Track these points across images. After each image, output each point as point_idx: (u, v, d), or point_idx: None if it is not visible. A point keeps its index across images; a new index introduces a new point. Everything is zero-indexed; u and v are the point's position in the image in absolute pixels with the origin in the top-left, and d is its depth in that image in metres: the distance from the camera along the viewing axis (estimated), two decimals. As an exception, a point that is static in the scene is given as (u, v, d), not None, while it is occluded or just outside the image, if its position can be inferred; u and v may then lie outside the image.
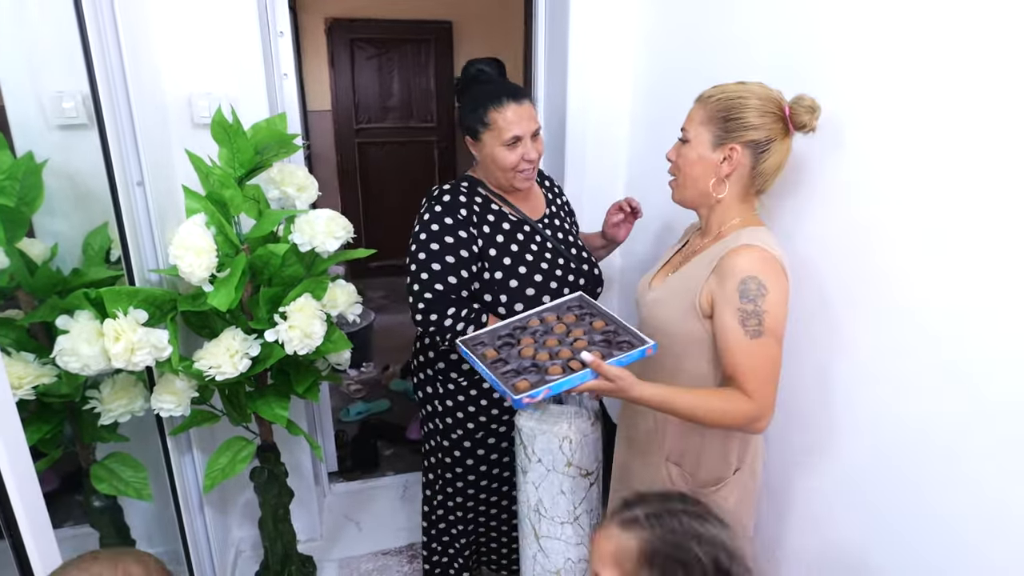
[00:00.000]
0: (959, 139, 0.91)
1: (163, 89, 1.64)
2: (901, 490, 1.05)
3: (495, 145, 1.39)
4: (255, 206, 1.48)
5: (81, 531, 1.59)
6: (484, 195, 1.49)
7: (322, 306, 1.47)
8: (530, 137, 1.39)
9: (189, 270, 1.30)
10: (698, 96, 1.15)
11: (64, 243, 1.42)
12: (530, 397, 1.05)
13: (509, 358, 1.17)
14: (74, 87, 1.39)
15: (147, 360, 1.27)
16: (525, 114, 1.38)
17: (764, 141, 1.08)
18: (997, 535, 0.88)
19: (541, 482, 1.41)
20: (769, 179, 1.12)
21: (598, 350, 1.13)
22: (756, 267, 1.04)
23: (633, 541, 0.74)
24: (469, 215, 1.43)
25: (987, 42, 0.86)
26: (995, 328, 0.87)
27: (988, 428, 0.89)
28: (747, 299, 1.03)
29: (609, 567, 0.76)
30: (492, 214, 1.47)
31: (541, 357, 1.15)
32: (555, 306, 1.32)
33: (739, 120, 1.08)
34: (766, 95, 1.08)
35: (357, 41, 4.42)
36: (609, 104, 1.94)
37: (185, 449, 1.70)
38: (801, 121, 1.07)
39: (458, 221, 1.41)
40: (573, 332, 1.21)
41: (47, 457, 1.36)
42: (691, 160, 1.14)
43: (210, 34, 1.63)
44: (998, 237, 0.86)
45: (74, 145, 1.46)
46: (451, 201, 1.43)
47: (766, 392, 1.04)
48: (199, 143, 1.49)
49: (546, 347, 1.18)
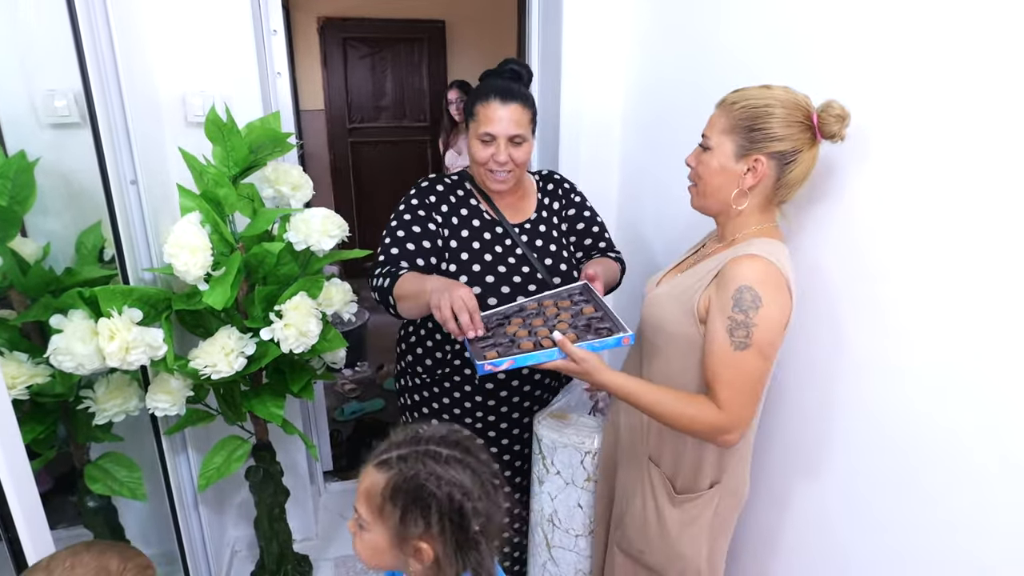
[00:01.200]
0: (967, 144, 0.92)
1: (156, 87, 1.63)
2: (907, 499, 1.05)
3: (473, 136, 1.40)
4: (250, 205, 1.48)
5: (75, 532, 1.58)
6: (468, 189, 1.50)
7: (317, 304, 1.47)
8: (506, 140, 1.37)
9: (184, 269, 1.30)
10: (720, 101, 1.08)
11: (57, 242, 1.41)
12: (492, 365, 1.08)
13: (496, 336, 1.19)
14: (66, 85, 1.38)
15: (142, 359, 1.27)
16: (506, 115, 1.35)
17: (791, 152, 1.02)
18: (993, 535, 0.89)
19: (558, 494, 1.41)
20: (793, 189, 1.07)
21: (574, 333, 1.14)
22: (756, 278, 0.99)
23: (382, 479, 0.85)
24: (439, 203, 1.45)
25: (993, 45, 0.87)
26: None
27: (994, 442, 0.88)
28: (739, 309, 0.99)
29: (363, 502, 0.87)
30: (467, 208, 1.48)
31: (520, 334, 1.18)
32: (556, 293, 1.33)
33: (764, 131, 1.01)
34: (793, 102, 1.02)
35: (350, 40, 4.42)
36: (602, 103, 1.95)
37: (180, 448, 1.70)
38: (830, 131, 1.00)
39: (425, 204, 1.44)
40: (561, 315, 1.22)
41: (41, 457, 1.35)
42: (713, 169, 1.08)
43: (203, 32, 1.62)
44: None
45: (67, 144, 1.45)
46: (428, 187, 1.47)
47: (739, 405, 1.02)
48: (193, 142, 1.49)
49: (531, 326, 1.21)
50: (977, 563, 0.91)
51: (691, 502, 1.17)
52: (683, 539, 1.18)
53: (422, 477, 0.83)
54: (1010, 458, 0.85)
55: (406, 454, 0.86)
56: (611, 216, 2.03)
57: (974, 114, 0.88)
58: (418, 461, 0.85)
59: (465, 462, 0.86)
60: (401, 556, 0.86)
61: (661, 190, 1.77)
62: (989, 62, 0.86)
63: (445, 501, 0.82)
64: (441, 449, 0.86)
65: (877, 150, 1.04)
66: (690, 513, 1.17)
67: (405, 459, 0.85)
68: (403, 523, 0.83)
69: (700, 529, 1.17)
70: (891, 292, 1.03)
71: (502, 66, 1.45)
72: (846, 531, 1.16)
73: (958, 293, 0.91)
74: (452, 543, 0.83)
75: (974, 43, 0.87)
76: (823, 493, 1.21)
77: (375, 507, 0.85)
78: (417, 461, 0.85)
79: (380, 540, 0.86)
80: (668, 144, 1.69)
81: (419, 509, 0.82)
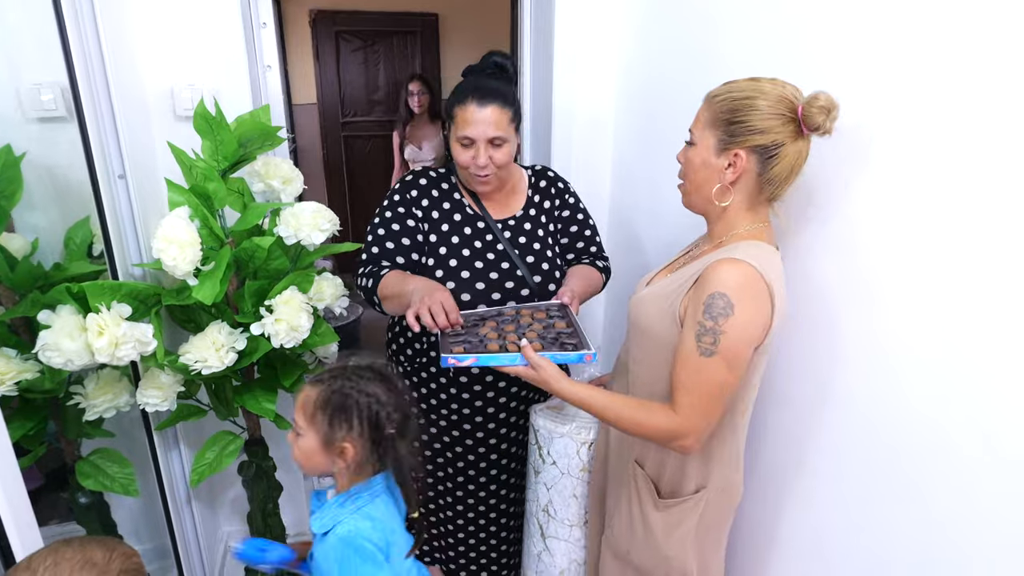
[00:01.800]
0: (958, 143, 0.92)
1: (144, 81, 1.61)
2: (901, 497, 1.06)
3: (453, 139, 1.40)
4: (240, 199, 1.47)
5: (67, 528, 1.58)
6: (453, 183, 1.51)
7: (309, 299, 1.47)
8: (485, 142, 1.36)
9: (173, 263, 1.29)
10: (707, 94, 1.06)
11: (45, 237, 1.40)
12: (456, 359, 1.15)
13: (467, 334, 1.25)
14: (52, 79, 1.36)
15: (131, 355, 1.26)
16: (484, 118, 1.33)
17: (771, 146, 0.98)
18: (984, 530, 0.89)
19: (554, 484, 1.42)
20: (780, 186, 1.03)
21: (540, 343, 1.19)
22: (733, 284, 0.96)
23: (314, 392, 1.05)
24: (420, 197, 1.47)
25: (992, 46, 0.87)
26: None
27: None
28: (709, 315, 0.97)
29: (300, 412, 1.06)
30: (449, 202, 1.48)
31: (490, 336, 1.23)
32: (535, 306, 1.38)
33: (744, 123, 0.99)
34: (777, 94, 0.98)
35: (342, 33, 4.39)
36: (595, 97, 1.94)
37: (172, 444, 1.69)
38: (815, 123, 0.96)
39: (406, 200, 1.46)
40: (534, 326, 1.27)
41: (31, 454, 1.35)
42: (695, 165, 1.07)
43: (192, 25, 1.61)
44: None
45: (53, 138, 1.44)
46: (411, 181, 1.49)
47: (696, 412, 1.01)
48: (182, 136, 1.47)
49: (502, 331, 1.25)
50: (973, 557, 0.92)
51: (677, 507, 1.16)
52: (669, 542, 1.17)
53: (346, 389, 1.03)
54: (1000, 454, 0.86)
55: (335, 374, 1.06)
56: (603, 214, 2.03)
57: (970, 115, 0.88)
58: (344, 379, 1.05)
59: (383, 382, 1.07)
60: (329, 457, 1.05)
61: (654, 188, 1.76)
62: (983, 57, 0.85)
63: (364, 407, 1.03)
64: (363, 372, 1.07)
65: (873, 148, 1.02)
66: (676, 517, 1.16)
67: (335, 377, 1.05)
68: (331, 427, 1.02)
69: (686, 532, 1.16)
70: (885, 291, 1.02)
71: (485, 60, 1.44)
72: (838, 525, 1.16)
73: (951, 292, 0.91)
74: (370, 443, 1.04)
75: (968, 40, 0.87)
76: (815, 488, 1.22)
77: (308, 415, 1.04)
78: (343, 379, 1.05)
79: (313, 444, 1.04)
80: (662, 141, 1.68)
81: (343, 414, 1.02)
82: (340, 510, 1.06)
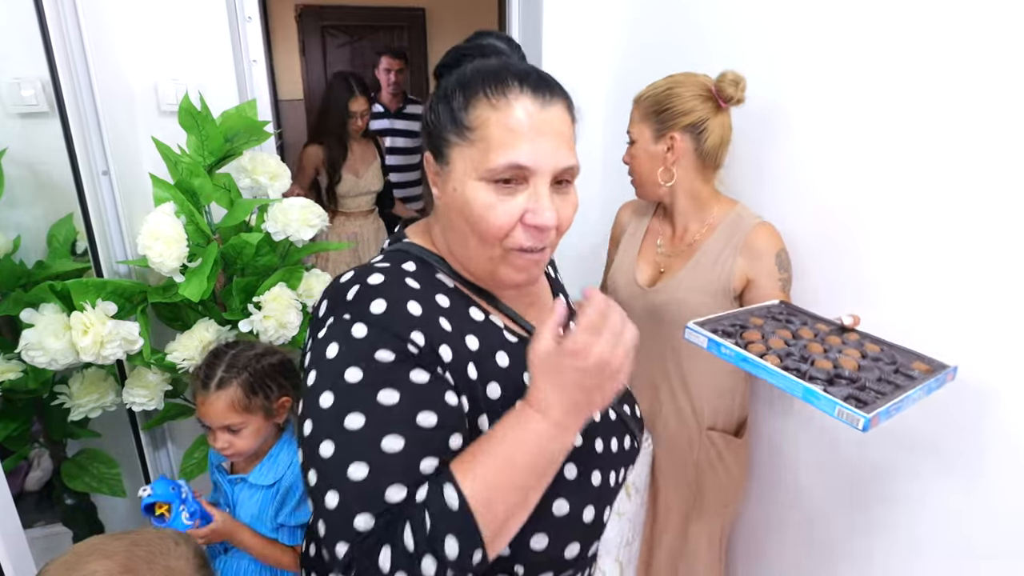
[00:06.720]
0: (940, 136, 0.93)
1: (127, 75, 1.59)
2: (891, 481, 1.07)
3: (470, 174, 0.67)
4: (226, 195, 1.45)
5: (53, 530, 1.56)
6: (451, 288, 0.73)
7: (297, 295, 1.46)
8: (550, 180, 0.67)
9: (159, 260, 1.28)
10: (633, 98, 1.22)
11: (27, 235, 1.38)
12: (878, 416, 0.76)
13: (779, 352, 0.90)
14: (34, 73, 1.34)
15: (117, 353, 1.25)
16: (550, 127, 0.67)
17: (699, 122, 1.15)
18: (983, 520, 0.90)
19: None
20: (718, 154, 1.19)
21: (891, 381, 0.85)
22: (779, 241, 1.16)
23: (233, 390, 1.13)
24: (428, 327, 0.65)
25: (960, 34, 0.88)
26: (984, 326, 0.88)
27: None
28: (783, 269, 1.16)
29: (231, 415, 1.13)
30: (474, 329, 0.70)
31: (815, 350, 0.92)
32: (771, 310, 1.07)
33: (671, 110, 1.16)
34: (692, 81, 1.17)
35: (329, 28, 4.35)
36: (585, 92, 1.92)
37: (159, 443, 1.67)
38: (728, 94, 1.14)
39: (408, 356, 0.63)
40: (847, 350, 0.92)
41: (15, 455, 1.33)
42: (640, 158, 1.23)
43: (176, 18, 1.58)
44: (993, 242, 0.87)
45: (35, 134, 1.42)
46: (387, 314, 0.64)
47: None
48: (166, 131, 1.45)
49: (811, 348, 0.92)
50: (969, 552, 0.93)
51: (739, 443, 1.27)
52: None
53: (253, 366, 1.16)
54: (994, 445, 0.87)
55: (230, 366, 1.15)
56: (594, 210, 2.03)
57: (954, 101, 0.89)
58: (244, 363, 1.16)
59: (245, 344, 1.23)
60: (272, 420, 1.20)
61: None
62: (968, 47, 0.86)
63: (277, 365, 1.20)
64: (246, 351, 1.20)
65: (859, 132, 1.07)
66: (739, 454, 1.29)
67: (238, 370, 1.15)
68: (267, 399, 1.17)
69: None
70: (873, 273, 1.04)
71: (477, 39, 0.78)
72: (829, 515, 1.18)
73: (941, 278, 0.93)
74: (292, 388, 1.21)
75: (962, 35, 0.88)
76: (808, 478, 1.23)
77: (243, 407, 1.14)
78: (243, 364, 1.16)
79: (258, 423, 1.17)
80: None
81: (269, 381, 1.17)
82: (292, 446, 1.21)
